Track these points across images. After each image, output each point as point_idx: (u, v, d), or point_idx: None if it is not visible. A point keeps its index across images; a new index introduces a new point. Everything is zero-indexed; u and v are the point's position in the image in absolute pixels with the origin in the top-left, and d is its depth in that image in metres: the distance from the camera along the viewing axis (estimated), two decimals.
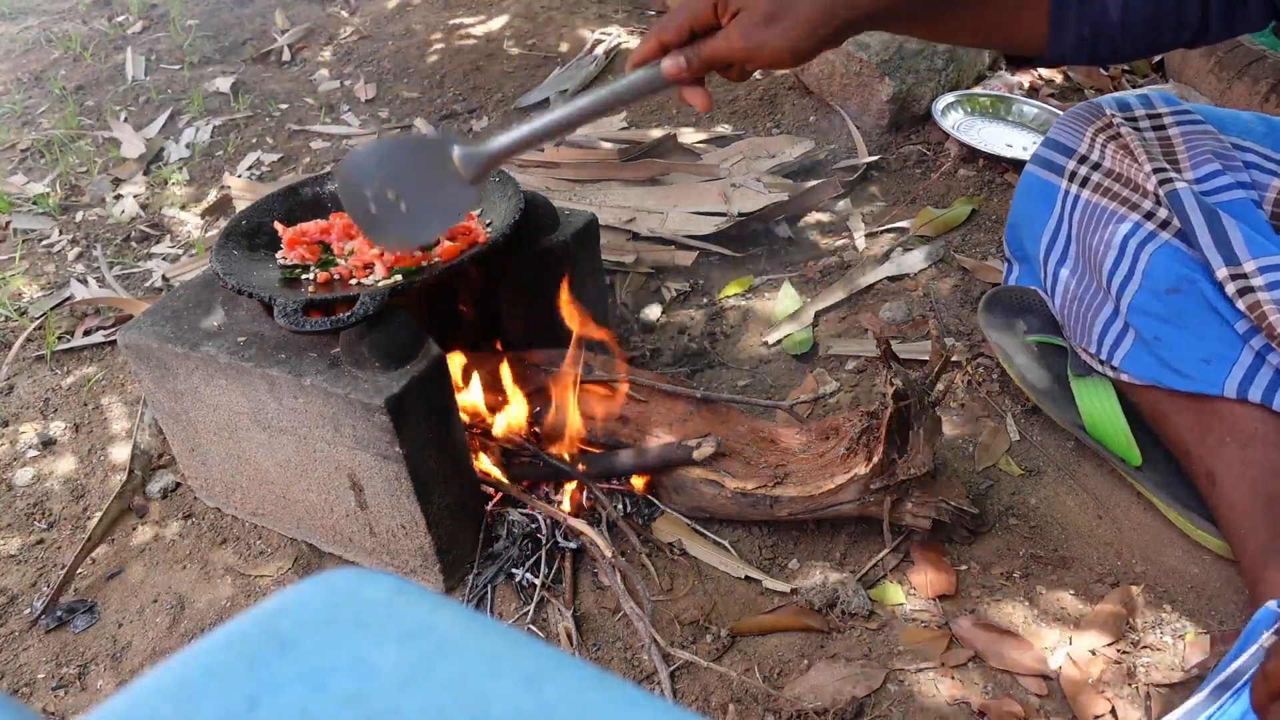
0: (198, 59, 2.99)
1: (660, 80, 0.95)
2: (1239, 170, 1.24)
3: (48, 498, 1.53)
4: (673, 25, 0.94)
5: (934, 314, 1.66)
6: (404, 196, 1.01)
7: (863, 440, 1.19)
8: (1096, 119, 1.33)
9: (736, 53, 0.92)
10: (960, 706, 1.08)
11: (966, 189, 1.99)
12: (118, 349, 1.79)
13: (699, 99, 0.96)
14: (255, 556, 1.37)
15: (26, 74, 3.04)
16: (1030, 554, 1.24)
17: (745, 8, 0.91)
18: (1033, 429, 1.42)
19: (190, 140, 2.56)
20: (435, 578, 1.24)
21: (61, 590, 1.34)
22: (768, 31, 0.90)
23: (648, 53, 0.96)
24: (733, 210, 1.89)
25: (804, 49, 0.91)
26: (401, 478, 1.14)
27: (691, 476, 1.27)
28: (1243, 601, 1.15)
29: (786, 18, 0.90)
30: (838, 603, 1.19)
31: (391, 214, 1.01)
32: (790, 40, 0.90)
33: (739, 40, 0.91)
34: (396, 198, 1.01)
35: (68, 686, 1.24)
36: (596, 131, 2.26)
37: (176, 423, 1.33)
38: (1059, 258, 1.37)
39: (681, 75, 0.94)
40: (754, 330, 1.70)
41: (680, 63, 0.94)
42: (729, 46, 0.92)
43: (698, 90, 0.96)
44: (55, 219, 2.29)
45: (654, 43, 0.95)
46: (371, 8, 3.15)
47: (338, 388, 1.10)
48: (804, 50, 0.92)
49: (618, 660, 1.18)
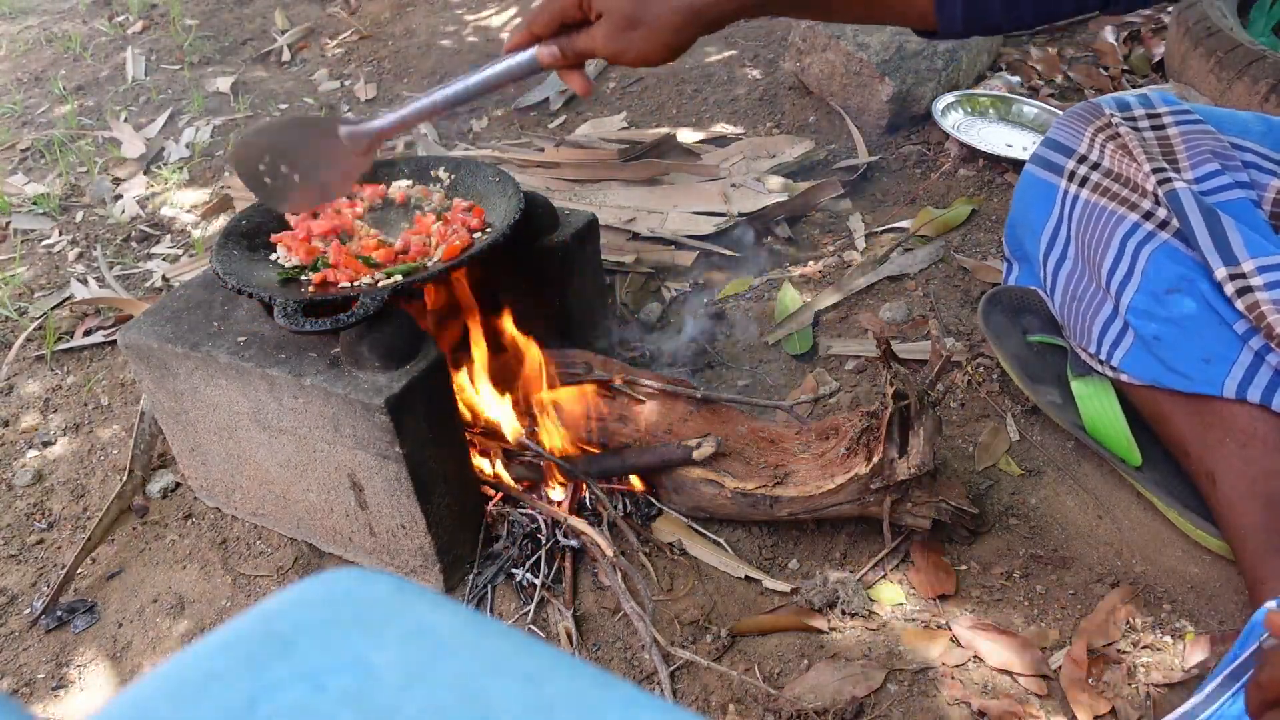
0: (198, 59, 2.99)
1: (537, 65, 1.00)
2: (1238, 170, 1.24)
3: (48, 498, 1.53)
4: (542, 18, 0.97)
5: (934, 314, 1.66)
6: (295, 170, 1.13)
7: (863, 440, 1.19)
8: (1096, 119, 1.33)
9: (603, 52, 0.95)
10: (960, 706, 1.08)
11: (966, 189, 1.99)
12: (118, 349, 1.79)
13: (577, 82, 1.00)
14: (255, 556, 1.37)
15: (26, 74, 3.04)
16: (1030, 554, 1.24)
17: (606, 12, 0.93)
18: (1033, 429, 1.42)
19: (190, 140, 2.56)
20: (435, 578, 1.24)
21: (61, 590, 1.34)
22: (630, 36, 0.93)
23: (520, 41, 0.99)
24: (733, 210, 1.89)
25: (669, 49, 0.94)
26: (401, 478, 1.14)
27: (691, 476, 1.27)
28: (1243, 601, 1.15)
29: (645, 24, 0.92)
30: (838, 603, 1.19)
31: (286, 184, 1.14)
32: (652, 45, 0.93)
33: (603, 42, 0.95)
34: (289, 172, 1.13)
35: (68, 686, 1.24)
36: (596, 131, 2.26)
37: (176, 423, 1.33)
38: (1059, 258, 1.37)
39: (557, 64, 0.98)
40: (754, 330, 1.70)
41: (554, 52, 0.98)
42: (594, 47, 0.96)
43: (576, 74, 1.00)
44: (55, 219, 2.29)
45: (526, 34, 0.99)
46: (371, 8, 3.15)
47: (338, 388, 1.10)
48: (669, 50, 0.94)
49: (618, 660, 1.18)
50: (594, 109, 2.45)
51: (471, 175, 1.41)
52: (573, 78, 1.00)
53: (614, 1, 0.93)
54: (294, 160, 1.13)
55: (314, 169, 1.13)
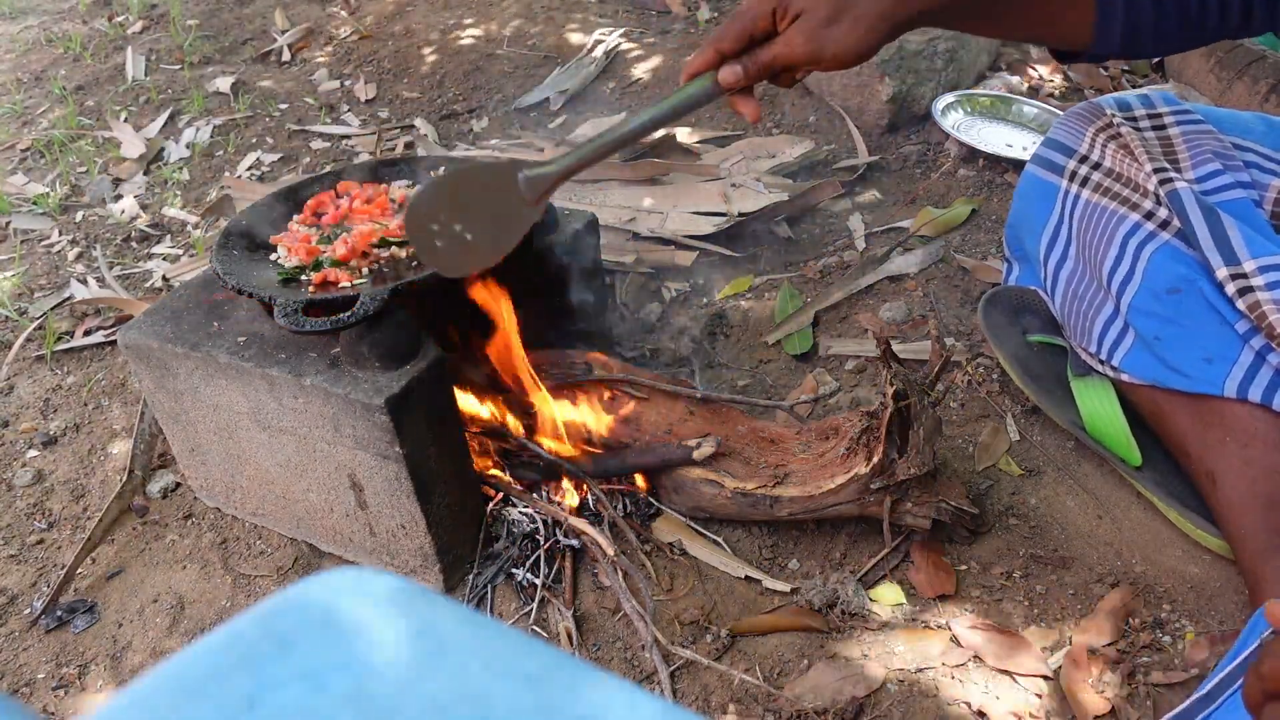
0: (198, 59, 2.99)
1: (715, 90, 0.95)
2: (1239, 170, 1.24)
3: (48, 498, 1.53)
4: (731, 33, 0.94)
5: (934, 314, 1.66)
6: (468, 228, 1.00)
7: (863, 440, 1.19)
8: (1097, 119, 1.33)
9: (798, 56, 0.93)
10: (960, 706, 1.08)
11: (966, 189, 1.98)
12: (118, 349, 1.79)
13: (749, 108, 0.97)
14: (255, 556, 1.37)
15: (26, 74, 3.04)
16: (1030, 554, 1.24)
17: (805, 11, 0.92)
18: (1033, 429, 1.42)
19: (190, 140, 2.56)
20: (435, 578, 1.24)
21: (61, 590, 1.34)
22: (829, 33, 0.91)
23: (705, 63, 0.96)
24: (733, 210, 1.89)
25: (865, 48, 0.93)
26: (401, 478, 1.14)
27: (691, 476, 1.27)
28: (1243, 601, 1.15)
29: (847, 18, 0.91)
30: (838, 603, 1.19)
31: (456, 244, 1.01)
32: (852, 40, 0.92)
33: (801, 43, 0.92)
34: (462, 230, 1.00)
35: (68, 686, 1.24)
36: (596, 131, 2.26)
37: (176, 423, 1.33)
38: (1059, 258, 1.37)
39: (739, 83, 0.95)
40: (754, 330, 1.70)
41: (738, 71, 0.94)
42: (789, 50, 0.93)
43: (749, 99, 0.97)
44: (55, 219, 2.29)
45: (711, 52, 0.95)
46: (371, 8, 3.15)
47: (338, 388, 1.10)
48: (866, 49, 0.93)
49: (618, 660, 1.18)
50: (594, 109, 2.45)
51: None
52: (747, 104, 0.97)
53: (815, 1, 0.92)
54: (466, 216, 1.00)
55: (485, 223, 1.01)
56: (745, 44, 0.95)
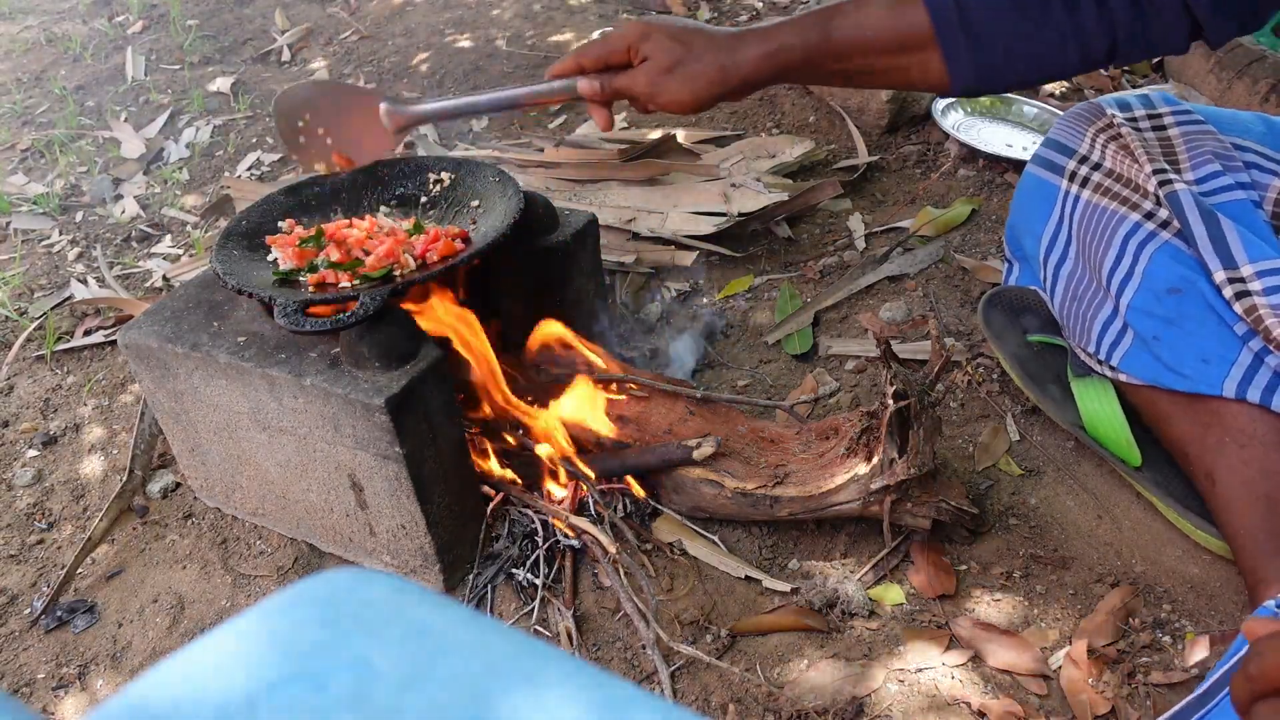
0: (198, 59, 2.99)
1: (574, 93, 1.12)
2: (1239, 170, 1.24)
3: (48, 498, 1.53)
4: (592, 54, 1.10)
5: (934, 314, 1.66)
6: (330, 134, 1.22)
7: (863, 440, 1.19)
8: (1097, 119, 1.33)
9: (639, 93, 1.09)
10: (960, 706, 1.08)
11: (966, 189, 1.98)
12: (118, 349, 1.79)
13: (602, 118, 1.13)
14: (255, 556, 1.37)
15: (26, 74, 3.04)
16: (1030, 554, 1.24)
17: (651, 57, 1.07)
18: (1033, 429, 1.42)
19: (190, 140, 2.56)
20: (435, 578, 1.24)
21: (61, 590, 1.34)
22: (664, 82, 1.07)
23: (566, 69, 1.12)
24: (733, 210, 1.89)
25: (696, 102, 1.07)
26: (401, 478, 1.14)
27: (691, 476, 1.27)
28: (1242, 601, 1.15)
29: (681, 73, 1.06)
30: (838, 603, 1.19)
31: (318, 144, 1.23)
32: (685, 94, 1.07)
33: (643, 84, 1.08)
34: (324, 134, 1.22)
35: (68, 686, 1.24)
36: (596, 131, 2.26)
37: (176, 423, 1.33)
38: (1059, 258, 1.37)
39: (595, 97, 1.11)
40: (754, 330, 1.70)
41: (595, 87, 1.11)
42: (633, 86, 1.09)
43: (603, 110, 1.13)
44: (55, 219, 2.29)
45: (573, 63, 1.11)
46: (371, 8, 3.15)
47: (338, 388, 1.10)
48: (695, 103, 1.07)
49: (618, 660, 1.18)
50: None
51: (471, 175, 1.40)
52: (600, 114, 1.13)
53: (661, 50, 1.06)
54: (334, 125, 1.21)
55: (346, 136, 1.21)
56: (601, 67, 1.10)
